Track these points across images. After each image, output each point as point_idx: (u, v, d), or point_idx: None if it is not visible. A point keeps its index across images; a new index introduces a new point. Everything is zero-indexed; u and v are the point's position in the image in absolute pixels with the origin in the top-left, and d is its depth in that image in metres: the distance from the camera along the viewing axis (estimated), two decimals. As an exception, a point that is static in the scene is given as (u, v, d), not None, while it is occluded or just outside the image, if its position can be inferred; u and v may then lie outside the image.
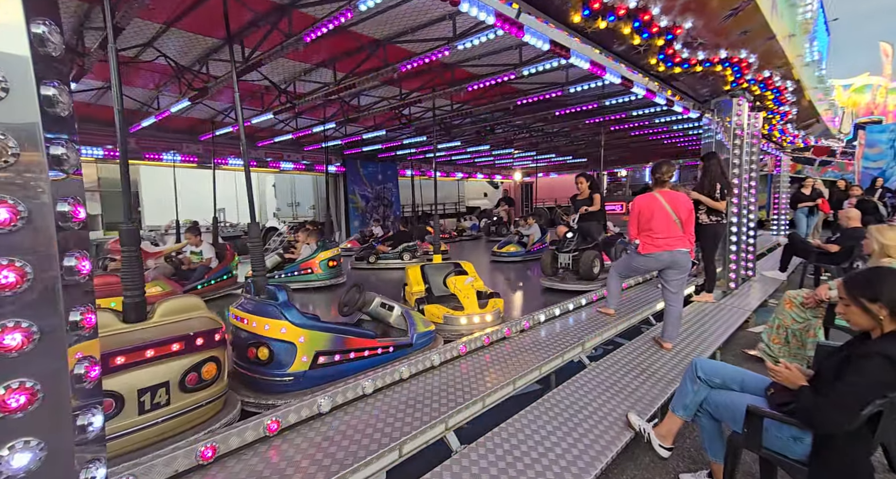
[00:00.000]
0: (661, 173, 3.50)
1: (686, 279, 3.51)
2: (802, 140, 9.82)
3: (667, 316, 3.54)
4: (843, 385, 1.54)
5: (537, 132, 9.06)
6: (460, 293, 3.45)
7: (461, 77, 5.45)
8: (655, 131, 8.83)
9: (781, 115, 6.73)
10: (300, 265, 5.30)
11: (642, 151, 12.16)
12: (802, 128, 8.93)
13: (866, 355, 1.54)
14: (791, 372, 1.78)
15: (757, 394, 1.95)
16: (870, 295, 1.61)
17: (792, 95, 5.71)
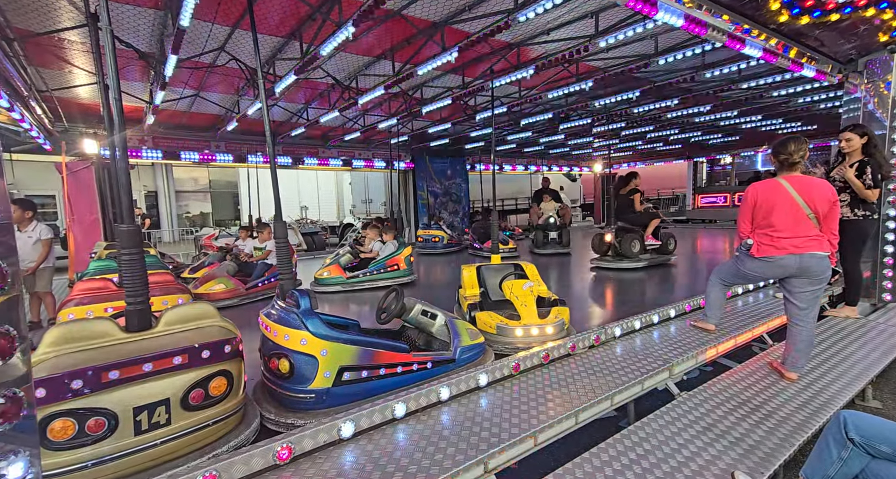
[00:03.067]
0: (787, 154, 2.68)
1: (821, 292, 2.67)
2: None
3: (791, 338, 2.73)
4: None
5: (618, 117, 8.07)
6: (517, 300, 3.02)
7: (526, 59, 4.92)
8: (769, 106, 7.32)
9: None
10: (386, 262, 5.20)
11: (751, 133, 10.31)
12: None
13: None
14: None
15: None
16: None
17: None
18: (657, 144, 12.32)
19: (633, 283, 5.20)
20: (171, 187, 15.53)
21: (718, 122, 8.69)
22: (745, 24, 3.10)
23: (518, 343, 2.82)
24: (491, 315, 2.97)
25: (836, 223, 2.65)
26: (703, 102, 7.09)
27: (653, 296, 4.70)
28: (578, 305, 4.24)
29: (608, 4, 3.59)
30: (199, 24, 3.92)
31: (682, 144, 12.09)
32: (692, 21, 2.64)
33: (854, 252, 3.84)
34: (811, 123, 9.14)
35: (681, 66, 5.33)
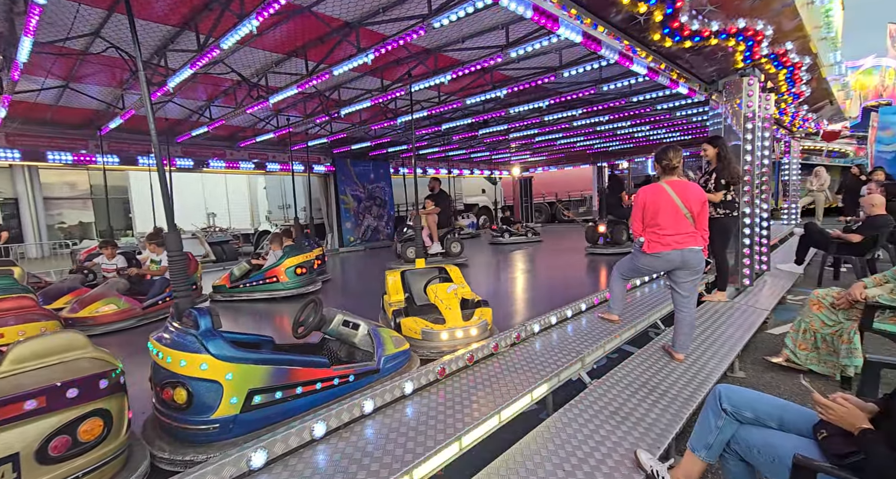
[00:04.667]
0: (668, 160, 3.06)
1: (699, 281, 3.08)
2: (815, 124, 9.32)
3: (677, 323, 3.11)
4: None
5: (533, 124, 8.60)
6: (441, 304, 3.04)
7: (445, 64, 5.01)
8: (657, 119, 8.34)
9: (794, 96, 6.24)
10: (265, 274, 4.91)
11: (643, 141, 11.66)
12: (813, 111, 8.43)
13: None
14: (848, 409, 1.36)
15: (802, 434, 1.53)
16: None
17: (806, 72, 5.24)
18: (566, 150, 13.35)
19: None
20: (37, 194, 13.09)
21: (616, 130, 9.68)
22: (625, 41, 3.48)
23: (444, 347, 2.84)
24: (416, 321, 2.95)
25: (707, 221, 3.08)
26: (603, 113, 7.84)
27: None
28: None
29: (517, 18, 3.79)
30: (63, 2, 3.36)
31: (588, 150, 13.25)
32: (589, 38, 2.90)
33: (720, 245, 4.51)
34: (688, 134, 10.60)
35: (583, 79, 5.83)
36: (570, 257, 7.47)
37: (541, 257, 7.94)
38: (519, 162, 16.22)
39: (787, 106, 6.83)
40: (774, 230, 8.79)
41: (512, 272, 6.48)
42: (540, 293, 5.07)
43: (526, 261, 7.49)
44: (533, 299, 4.76)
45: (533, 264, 7.27)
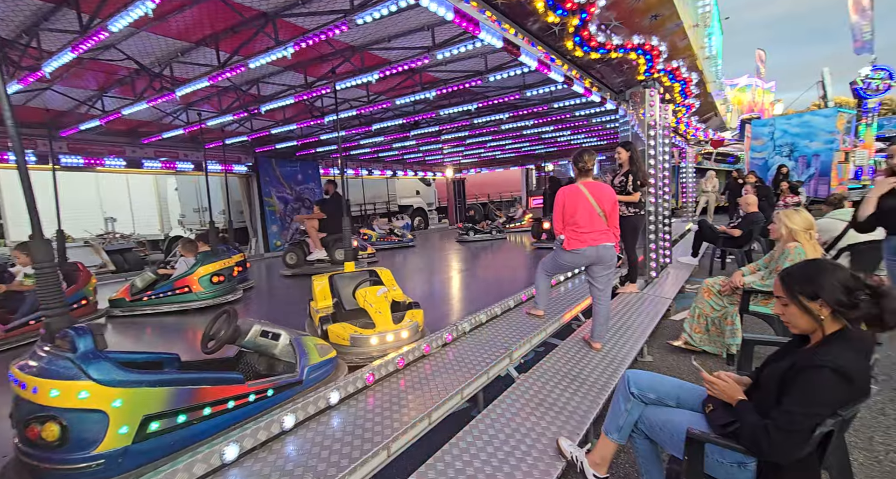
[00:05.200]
0: (583, 162, 3.28)
1: (613, 275, 3.34)
2: (704, 133, 10.64)
3: (594, 315, 3.34)
4: (792, 406, 1.30)
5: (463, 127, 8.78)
6: (371, 308, 2.96)
7: (372, 63, 4.91)
8: (576, 124, 8.95)
9: (686, 107, 7.06)
10: (175, 284, 4.45)
11: (567, 145, 12.45)
12: (702, 121, 9.62)
13: (812, 367, 1.31)
14: (727, 384, 1.54)
15: (695, 409, 1.71)
16: (809, 292, 1.40)
17: (696, 87, 5.95)
18: (496, 153, 13.82)
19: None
20: None
21: (541, 135, 10.22)
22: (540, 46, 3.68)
23: (374, 352, 2.76)
24: (344, 326, 2.84)
25: (617, 219, 3.35)
26: (528, 118, 8.23)
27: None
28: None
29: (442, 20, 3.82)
30: None
31: (516, 152, 13.84)
32: (509, 44, 3.01)
33: (631, 241, 4.95)
34: (604, 139, 11.54)
35: (508, 84, 6.07)
36: (519, 253, 7.75)
37: (492, 254, 8.15)
38: (452, 164, 16.47)
39: (682, 116, 7.72)
40: (676, 227, 9.89)
41: (457, 270, 6.57)
42: (479, 290, 5.18)
43: (469, 258, 7.64)
44: (470, 297, 4.84)
45: (478, 260, 7.45)
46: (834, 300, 1.35)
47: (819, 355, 1.33)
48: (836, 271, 1.40)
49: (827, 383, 1.27)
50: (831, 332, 1.38)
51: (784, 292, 1.47)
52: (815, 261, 1.50)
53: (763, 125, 13.59)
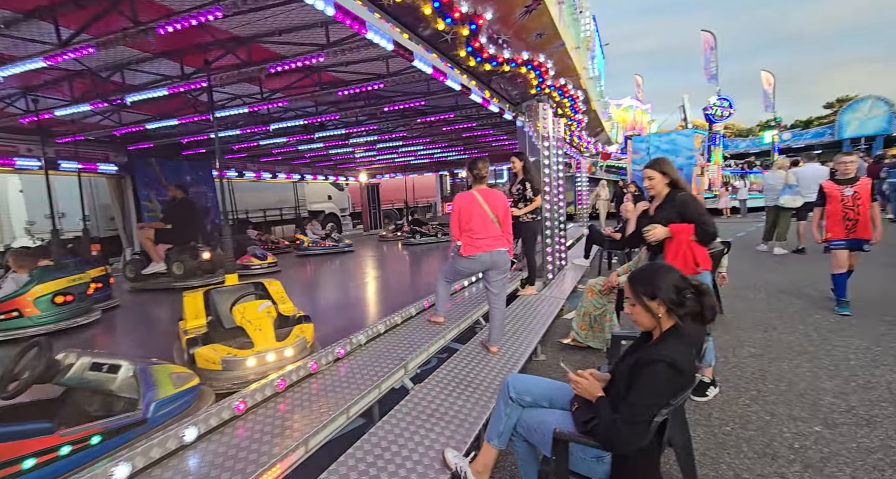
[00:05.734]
0: (478, 170, 3.35)
1: (507, 279, 3.45)
2: (594, 146, 11.83)
3: (491, 319, 3.42)
4: (635, 399, 1.41)
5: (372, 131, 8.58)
6: (250, 325, 2.65)
7: (262, 57, 4.52)
8: (484, 133, 9.30)
9: (577, 122, 7.75)
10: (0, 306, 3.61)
11: (477, 153, 12.91)
12: (592, 136, 10.68)
13: (650, 362, 1.43)
14: (589, 382, 1.63)
15: (566, 408, 1.78)
16: (649, 292, 1.55)
17: (583, 104, 6.54)
18: (410, 158, 13.82)
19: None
20: None
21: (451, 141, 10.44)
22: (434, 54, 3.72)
23: (252, 376, 2.47)
24: (215, 348, 2.50)
25: (510, 225, 3.48)
26: (438, 124, 8.34)
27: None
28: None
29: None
30: None
31: (429, 158, 13.99)
32: (400, 47, 2.95)
33: (531, 245, 5.25)
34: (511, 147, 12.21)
35: (415, 89, 6.06)
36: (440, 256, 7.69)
37: (436, 258, 7.98)
38: (365, 168, 16.08)
39: (574, 130, 8.45)
40: (573, 232, 10.81)
41: (375, 274, 6.30)
42: (405, 296, 5.03)
43: (411, 262, 7.41)
44: (392, 304, 4.66)
45: (419, 265, 7.24)
46: (668, 299, 1.50)
47: (657, 349, 1.46)
48: (670, 273, 1.55)
49: (662, 376, 1.39)
50: (667, 328, 1.53)
51: (630, 293, 1.60)
52: (653, 264, 1.66)
53: (641, 141, 15.58)
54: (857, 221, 4.03)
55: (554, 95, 5.43)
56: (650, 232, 2.58)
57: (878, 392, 2.67)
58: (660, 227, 2.56)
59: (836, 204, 4.12)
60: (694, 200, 2.59)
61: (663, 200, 2.69)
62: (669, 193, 2.67)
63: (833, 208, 4.14)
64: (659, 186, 2.71)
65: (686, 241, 2.51)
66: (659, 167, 2.71)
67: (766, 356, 3.34)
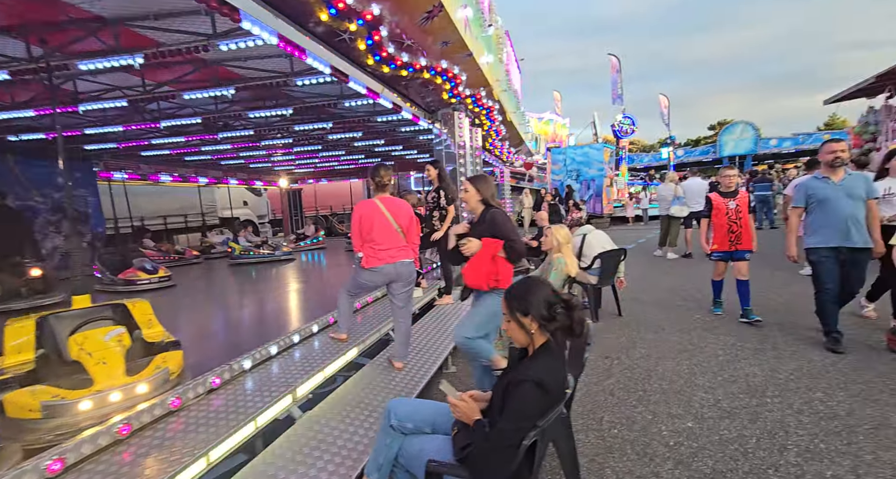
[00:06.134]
0: (380, 177, 3.18)
1: (412, 291, 3.31)
2: (516, 157, 12.32)
3: (397, 333, 3.25)
4: (505, 423, 1.33)
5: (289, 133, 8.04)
6: (89, 359, 2.20)
7: (136, 43, 3.94)
8: (399, 139, 9.16)
9: (496, 132, 7.96)
10: None
11: (399, 159, 12.76)
12: (513, 146, 11.10)
13: (519, 382, 1.37)
14: (467, 405, 1.53)
15: (449, 433, 1.67)
16: (522, 308, 1.49)
17: (499, 114, 6.72)
18: (333, 164, 13.26)
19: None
20: None
21: (373, 148, 10.18)
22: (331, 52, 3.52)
23: (86, 422, 2.03)
24: (34, 392, 2.01)
25: (417, 235, 3.37)
26: (356, 129, 8.05)
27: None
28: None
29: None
30: None
31: (353, 164, 13.55)
32: (288, 42, 2.70)
33: (445, 254, 5.21)
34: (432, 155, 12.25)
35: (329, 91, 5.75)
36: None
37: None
38: (285, 173, 15.13)
39: (493, 140, 8.69)
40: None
41: (295, 286, 5.76)
42: (300, 311, 4.61)
43: (310, 273, 6.84)
44: (285, 320, 4.25)
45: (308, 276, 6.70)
46: (539, 315, 1.45)
47: (526, 369, 1.41)
48: (542, 288, 1.51)
49: (530, 397, 1.33)
50: (539, 345, 1.49)
51: (505, 309, 1.53)
52: (527, 279, 1.62)
53: (559, 153, 16.62)
54: (739, 234, 4.20)
55: (469, 105, 5.48)
56: (465, 245, 2.53)
57: (738, 385, 2.95)
58: (474, 240, 2.51)
59: (721, 216, 4.28)
60: (504, 218, 2.55)
61: (479, 216, 2.64)
62: (484, 210, 2.61)
63: (718, 221, 4.30)
64: (473, 202, 2.64)
65: (490, 256, 2.46)
66: (474, 183, 2.65)
67: (654, 356, 3.58)
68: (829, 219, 3.39)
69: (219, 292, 6.27)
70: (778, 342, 3.66)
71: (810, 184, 3.54)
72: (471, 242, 2.51)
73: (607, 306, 5.01)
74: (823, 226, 3.43)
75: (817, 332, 3.66)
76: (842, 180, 3.42)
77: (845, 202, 3.35)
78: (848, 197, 3.36)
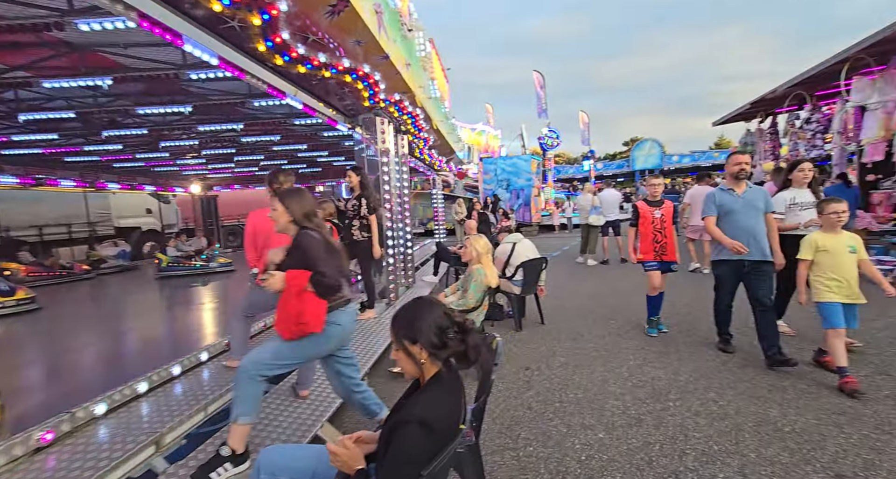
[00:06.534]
0: (278, 183, 2.85)
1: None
2: (447, 165, 12.34)
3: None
4: (384, 472, 1.13)
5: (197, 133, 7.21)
6: None
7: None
8: (322, 144, 8.70)
9: (424, 140, 7.84)
10: None
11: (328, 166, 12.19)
12: (442, 155, 11.10)
13: (402, 423, 1.17)
14: (348, 453, 1.29)
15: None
16: (411, 336, 1.30)
17: (425, 122, 6.60)
18: (252, 169, 12.29)
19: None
20: None
21: (295, 153, 9.56)
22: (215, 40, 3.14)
23: None
24: None
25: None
26: (274, 132, 7.47)
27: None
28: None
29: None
30: None
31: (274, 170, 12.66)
32: (155, 23, 2.30)
33: (367, 266, 4.89)
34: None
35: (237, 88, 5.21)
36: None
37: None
38: (197, 178, 13.74)
39: (422, 149, 8.57)
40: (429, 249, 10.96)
41: (201, 303, 4.99)
42: (192, 334, 3.98)
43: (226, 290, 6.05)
44: (168, 347, 3.63)
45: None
46: (428, 342, 1.27)
47: (415, 405, 1.21)
48: (433, 311, 1.34)
49: (414, 440, 1.14)
50: (430, 376, 1.30)
51: (392, 336, 1.33)
52: (416, 301, 1.43)
53: (490, 163, 17.05)
54: (665, 244, 4.08)
55: (391, 110, 5.28)
56: (266, 280, 2.02)
57: (645, 390, 3.04)
58: (277, 274, 2.00)
59: (647, 225, 4.14)
60: (312, 243, 2.01)
61: (292, 240, 2.11)
62: (297, 233, 2.10)
63: (645, 230, 4.15)
64: (282, 222, 2.12)
65: (297, 291, 1.95)
66: (283, 199, 2.11)
67: (572, 365, 3.60)
68: (734, 232, 3.38)
69: (96, 314, 5.36)
70: (680, 345, 3.88)
71: (719, 195, 3.55)
72: (273, 276, 2.00)
73: (531, 314, 5.05)
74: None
75: (710, 330, 3.89)
76: (744, 193, 3.45)
77: (747, 216, 3.37)
78: (750, 210, 3.39)
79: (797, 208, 3.75)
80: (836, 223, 3.01)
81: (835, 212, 2.99)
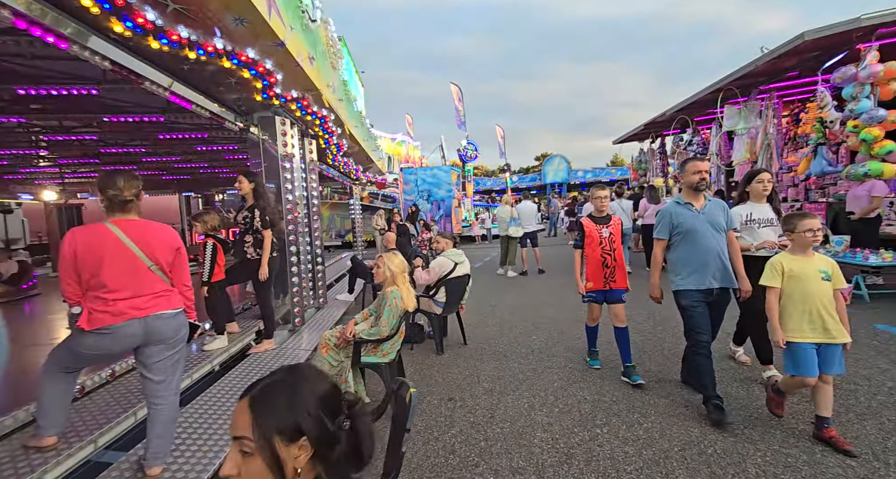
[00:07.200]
0: (117, 190, 2.11)
1: (182, 358, 2.29)
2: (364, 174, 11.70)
3: (150, 424, 2.16)
4: None
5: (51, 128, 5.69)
6: None
7: None
8: (212, 149, 7.58)
9: (337, 146, 7.19)
10: None
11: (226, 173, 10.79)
12: (359, 163, 10.47)
13: None
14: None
15: None
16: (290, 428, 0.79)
17: (335, 125, 6.00)
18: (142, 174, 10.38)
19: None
20: None
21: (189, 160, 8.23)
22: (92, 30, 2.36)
23: None
24: None
25: (188, 273, 2.37)
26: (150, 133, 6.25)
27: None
28: None
29: None
30: None
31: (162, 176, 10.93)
32: None
33: (263, 290, 4.14)
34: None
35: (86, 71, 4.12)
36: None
37: None
38: (54, 183, 11.27)
39: (336, 155, 7.89)
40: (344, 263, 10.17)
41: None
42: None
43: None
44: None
45: None
46: (316, 437, 0.79)
47: None
48: (319, 384, 0.86)
49: None
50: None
51: (249, 430, 0.80)
52: (291, 371, 0.91)
53: (410, 173, 16.72)
54: (613, 269, 3.40)
55: (293, 107, 4.62)
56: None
57: (572, 416, 2.83)
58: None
59: (595, 247, 3.45)
60: None
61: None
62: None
63: (592, 252, 3.45)
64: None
65: None
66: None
67: (497, 391, 3.31)
68: (700, 255, 2.79)
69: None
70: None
71: (675, 211, 2.91)
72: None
73: (453, 334, 4.71)
74: (694, 264, 2.80)
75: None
76: (703, 207, 2.87)
77: (711, 235, 2.80)
78: (712, 228, 2.82)
79: (755, 225, 3.18)
80: (809, 243, 2.38)
81: (810, 229, 2.35)
